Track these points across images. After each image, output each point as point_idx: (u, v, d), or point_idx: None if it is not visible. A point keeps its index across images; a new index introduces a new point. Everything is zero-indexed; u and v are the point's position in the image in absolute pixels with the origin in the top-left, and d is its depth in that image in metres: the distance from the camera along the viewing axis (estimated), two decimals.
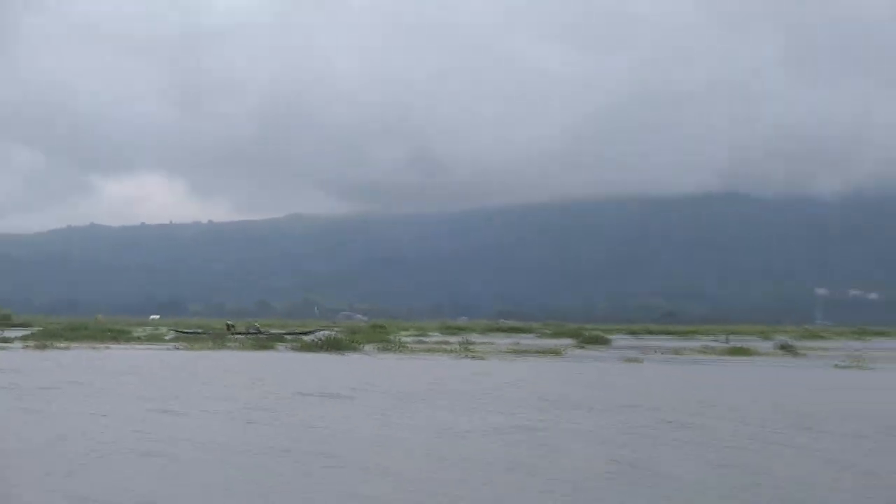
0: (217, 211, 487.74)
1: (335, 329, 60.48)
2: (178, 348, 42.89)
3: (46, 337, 47.42)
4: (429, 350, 44.43)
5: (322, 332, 52.59)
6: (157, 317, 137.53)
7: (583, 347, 51.13)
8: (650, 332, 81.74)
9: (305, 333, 57.24)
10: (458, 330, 74.01)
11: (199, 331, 60.57)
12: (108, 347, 42.08)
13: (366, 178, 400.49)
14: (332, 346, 43.67)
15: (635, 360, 37.15)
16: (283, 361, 35.69)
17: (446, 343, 49.37)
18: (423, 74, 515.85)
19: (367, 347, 45.10)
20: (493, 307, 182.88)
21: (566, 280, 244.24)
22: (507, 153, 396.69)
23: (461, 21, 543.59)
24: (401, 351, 43.85)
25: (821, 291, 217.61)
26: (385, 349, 44.39)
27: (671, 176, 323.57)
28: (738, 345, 50.32)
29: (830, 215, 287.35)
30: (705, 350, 46.89)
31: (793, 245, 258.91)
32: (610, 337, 63.47)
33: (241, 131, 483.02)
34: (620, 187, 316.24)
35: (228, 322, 67.28)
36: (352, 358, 38.38)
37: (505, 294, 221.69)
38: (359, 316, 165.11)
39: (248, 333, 56.83)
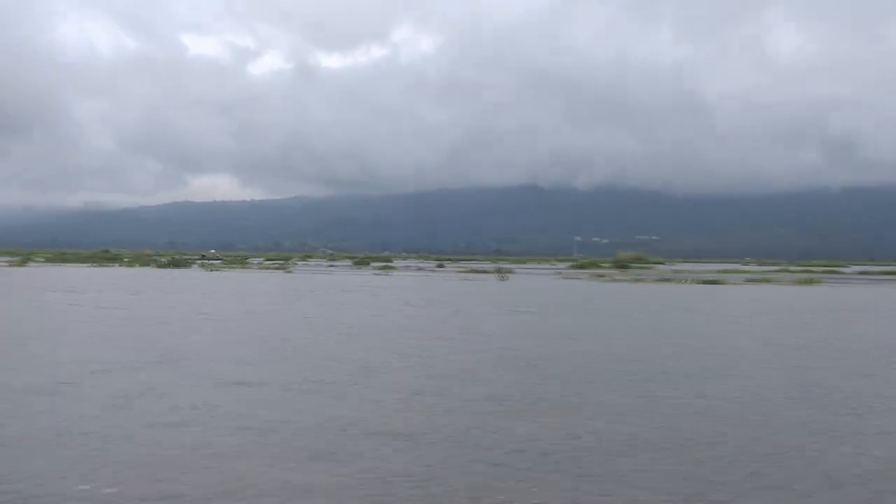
0: (256, 194, 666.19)
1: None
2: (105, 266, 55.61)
3: (65, 260, 67.35)
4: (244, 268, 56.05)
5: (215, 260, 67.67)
6: (214, 251, 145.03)
7: (360, 266, 69.47)
8: (476, 259, 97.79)
9: (245, 259, 68.25)
10: (346, 258, 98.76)
11: (185, 257, 66.01)
12: (91, 266, 58.10)
13: (334, 177, 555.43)
14: (176, 264, 51.00)
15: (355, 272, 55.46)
16: (130, 272, 45.50)
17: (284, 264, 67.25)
18: (363, 122, 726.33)
19: (195, 264, 57.90)
20: (403, 247, 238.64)
21: (442, 233, 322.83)
22: (407, 163, 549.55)
23: (382, 94, 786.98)
24: (216, 268, 52.23)
25: (577, 238, 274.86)
26: (205, 266, 54.48)
27: (495, 176, 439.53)
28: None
29: (584, 198, 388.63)
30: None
31: (564, 213, 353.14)
32: (397, 263, 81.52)
33: (267, 151, 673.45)
34: (467, 182, 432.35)
35: (203, 253, 76.63)
36: (179, 271, 47.64)
37: (408, 240, 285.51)
38: (330, 251, 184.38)
39: (209, 259, 65.18)
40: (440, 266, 72.33)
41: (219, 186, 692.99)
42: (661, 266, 79.73)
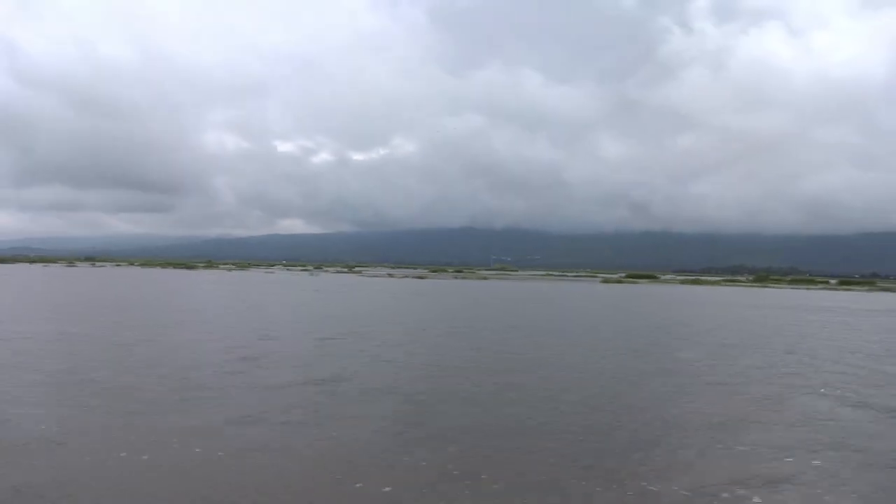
0: (315, 229, 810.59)
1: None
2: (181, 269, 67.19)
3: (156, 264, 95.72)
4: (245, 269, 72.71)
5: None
6: (285, 262, 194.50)
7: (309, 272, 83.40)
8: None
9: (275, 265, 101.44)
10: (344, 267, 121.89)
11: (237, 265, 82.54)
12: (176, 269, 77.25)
13: (360, 219, 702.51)
14: (182, 266, 64.69)
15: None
16: (164, 272, 60.23)
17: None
18: (376, 189, 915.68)
19: (200, 267, 76.84)
20: (392, 261, 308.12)
21: (420, 252, 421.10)
22: (402, 212, 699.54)
23: (386, 174, 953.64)
24: (214, 267, 66.34)
25: (493, 257, 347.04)
26: (206, 267, 71.41)
27: (450, 220, 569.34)
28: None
29: (499, 234, 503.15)
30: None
31: (488, 242, 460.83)
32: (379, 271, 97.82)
33: (321, 205, 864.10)
34: (433, 224, 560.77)
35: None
36: (183, 271, 63.95)
37: (401, 257, 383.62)
38: (355, 263, 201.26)
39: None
40: (390, 274, 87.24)
41: (294, 225, 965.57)
42: (516, 272, 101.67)
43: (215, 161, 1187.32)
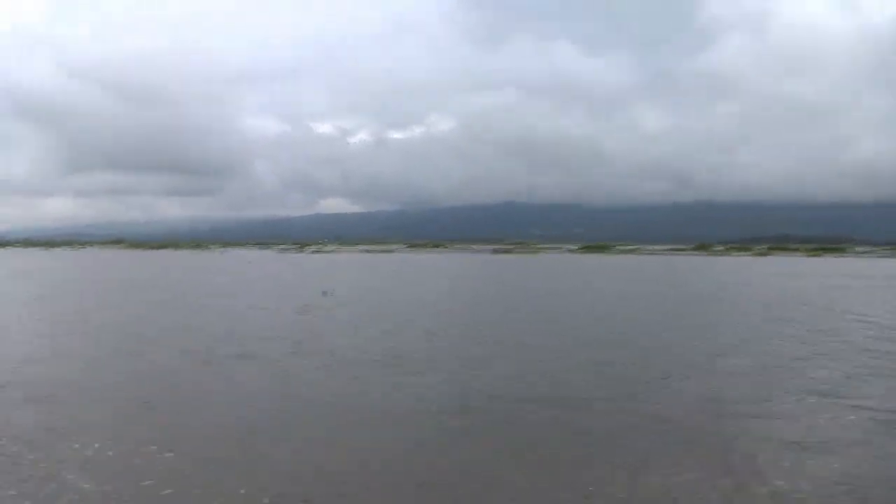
0: (357, 209, 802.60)
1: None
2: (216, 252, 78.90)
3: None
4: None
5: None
6: (326, 240, 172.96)
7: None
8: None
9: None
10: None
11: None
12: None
13: (401, 198, 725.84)
14: (162, 247, 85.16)
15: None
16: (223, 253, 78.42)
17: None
18: (413, 168, 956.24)
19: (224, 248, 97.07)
20: (434, 237, 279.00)
21: (460, 229, 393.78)
22: (440, 189, 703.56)
23: (423, 152, 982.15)
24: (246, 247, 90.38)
25: (536, 232, 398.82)
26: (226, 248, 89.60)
27: (484, 198, 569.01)
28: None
29: (539, 209, 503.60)
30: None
31: (529, 217, 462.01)
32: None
33: (361, 185, 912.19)
34: (468, 199, 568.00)
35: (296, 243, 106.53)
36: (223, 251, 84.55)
37: (441, 233, 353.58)
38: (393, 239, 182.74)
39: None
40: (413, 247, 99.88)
41: (337, 205, 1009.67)
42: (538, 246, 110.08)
43: (256, 144, 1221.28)
